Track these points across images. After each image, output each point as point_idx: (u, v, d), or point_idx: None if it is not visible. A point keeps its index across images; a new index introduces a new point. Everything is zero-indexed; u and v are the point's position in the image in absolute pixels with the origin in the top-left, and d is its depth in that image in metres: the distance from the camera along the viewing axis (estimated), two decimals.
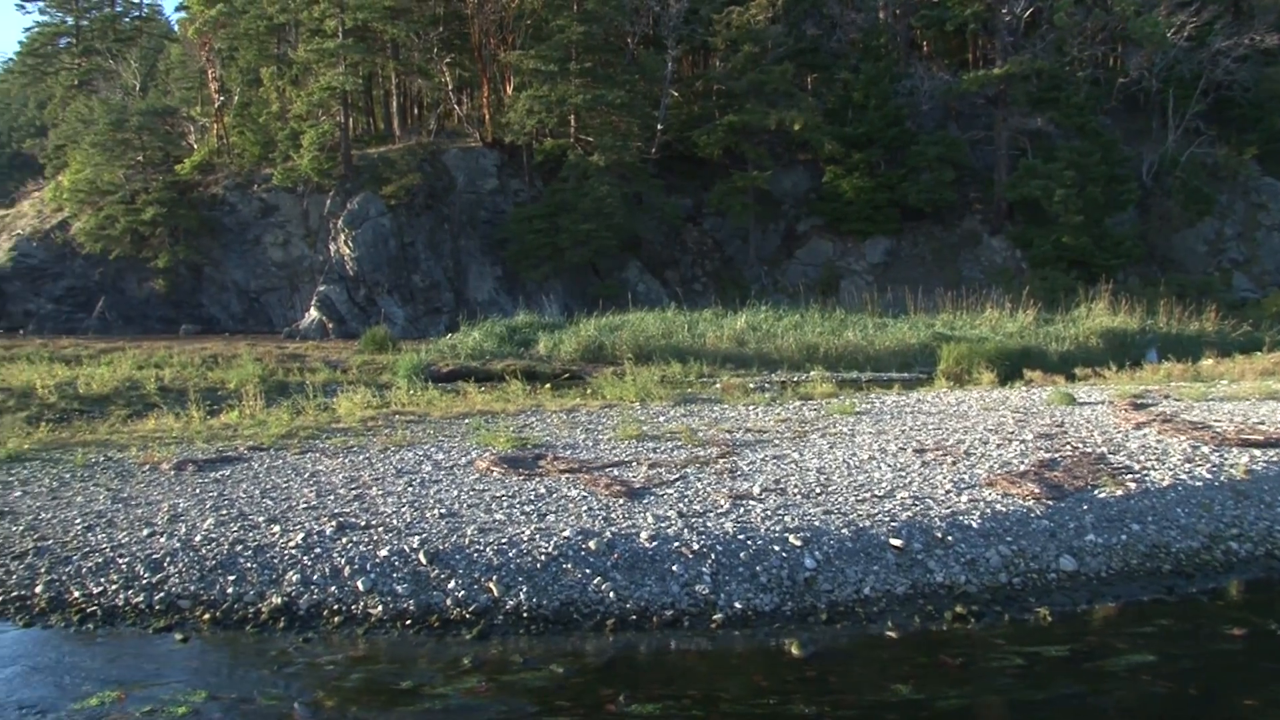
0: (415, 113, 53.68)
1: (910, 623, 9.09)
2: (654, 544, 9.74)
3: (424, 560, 9.51)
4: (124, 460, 14.14)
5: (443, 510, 10.93)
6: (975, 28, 44.28)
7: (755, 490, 11.55)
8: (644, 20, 47.54)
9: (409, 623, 8.92)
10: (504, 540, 9.86)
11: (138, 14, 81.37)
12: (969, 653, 8.58)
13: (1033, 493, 11.31)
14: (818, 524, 10.28)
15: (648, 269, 43.73)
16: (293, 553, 9.84)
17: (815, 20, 49.00)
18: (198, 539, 10.28)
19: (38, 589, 9.55)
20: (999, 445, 13.90)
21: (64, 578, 9.73)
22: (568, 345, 28.71)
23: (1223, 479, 12.18)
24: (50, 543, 10.46)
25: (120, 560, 9.93)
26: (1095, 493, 11.52)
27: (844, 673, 8.26)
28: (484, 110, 47.63)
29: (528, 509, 10.96)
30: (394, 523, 10.53)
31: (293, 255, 47.68)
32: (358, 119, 51.29)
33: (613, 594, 9.17)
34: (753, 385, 22.37)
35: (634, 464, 13.09)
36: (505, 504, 11.17)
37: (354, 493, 11.85)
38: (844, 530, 10.13)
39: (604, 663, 8.42)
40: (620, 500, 11.20)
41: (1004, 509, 10.85)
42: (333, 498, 11.64)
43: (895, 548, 9.93)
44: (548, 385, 21.67)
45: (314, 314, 42.74)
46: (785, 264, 44.80)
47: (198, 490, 12.30)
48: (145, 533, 10.57)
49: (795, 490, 11.57)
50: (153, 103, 55.75)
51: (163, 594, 9.40)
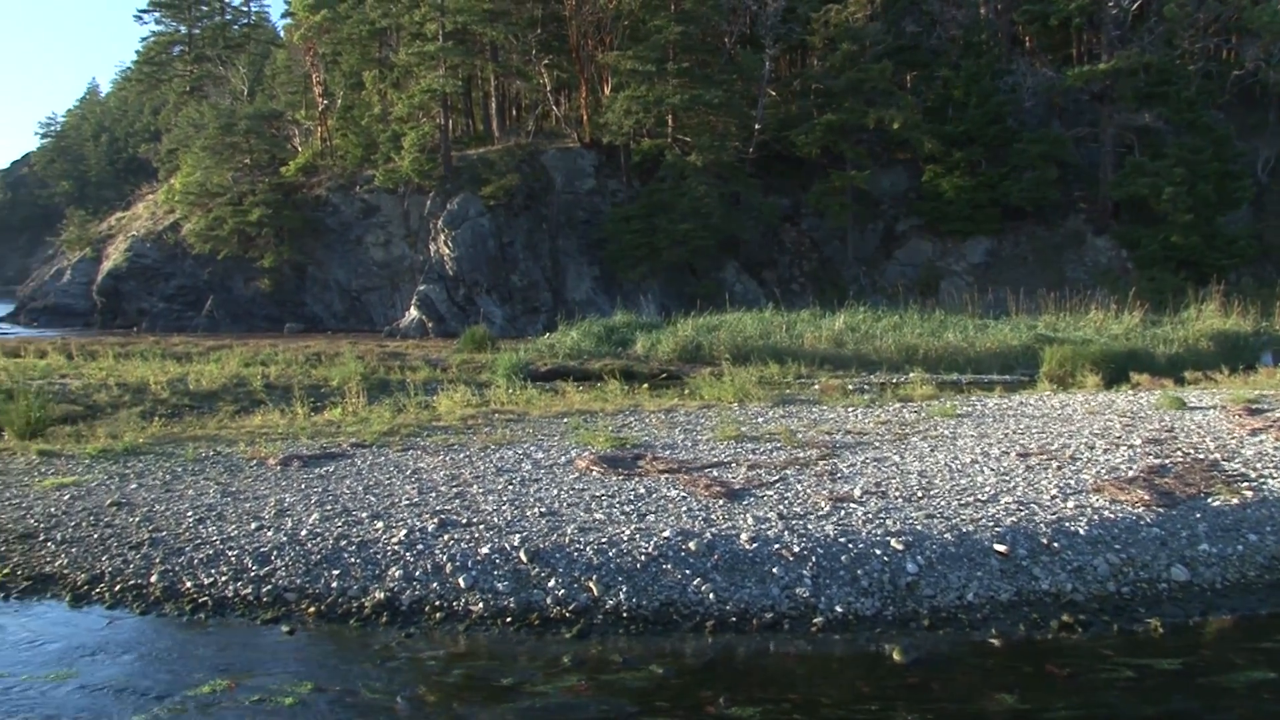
0: (514, 114, 54.16)
1: (1015, 630, 8.89)
2: (754, 546, 9.69)
3: (524, 558, 9.58)
4: (232, 455, 14.49)
5: (543, 509, 11.01)
6: (1080, 22, 43.21)
7: (856, 493, 11.43)
8: (741, 20, 47.37)
9: (509, 620, 8.97)
10: (604, 540, 9.89)
11: (246, 21, 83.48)
12: (1076, 663, 8.36)
13: (1142, 499, 11.02)
14: (920, 528, 10.13)
15: (745, 269, 43.57)
16: (396, 549, 9.99)
17: (915, 17, 48.33)
18: (303, 533, 10.48)
19: (153, 578, 9.82)
20: (1105, 450, 13.57)
21: (177, 568, 9.99)
22: (665, 345, 28.71)
23: None
24: (164, 534, 10.76)
25: (230, 553, 10.17)
26: (1209, 501, 11.18)
27: (947, 680, 8.11)
28: (582, 111, 47.86)
29: (627, 509, 10.98)
30: (495, 521, 10.63)
31: (393, 255, 48.47)
32: (457, 120, 51.89)
33: (712, 595, 9.15)
34: (851, 386, 22.16)
35: (733, 465, 13.04)
36: (605, 503, 11.21)
37: (455, 490, 11.99)
38: (947, 535, 9.97)
39: (703, 664, 8.39)
40: (720, 501, 11.17)
41: (1112, 516, 10.58)
42: (434, 495, 11.80)
43: (999, 553, 9.74)
44: (645, 385, 21.71)
45: (414, 313, 43.37)
46: (884, 264, 44.29)
47: (303, 486, 12.55)
48: (253, 526, 10.82)
49: (896, 493, 11.42)
50: (259, 107, 57.11)
51: (270, 587, 9.59)
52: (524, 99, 53.76)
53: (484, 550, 9.77)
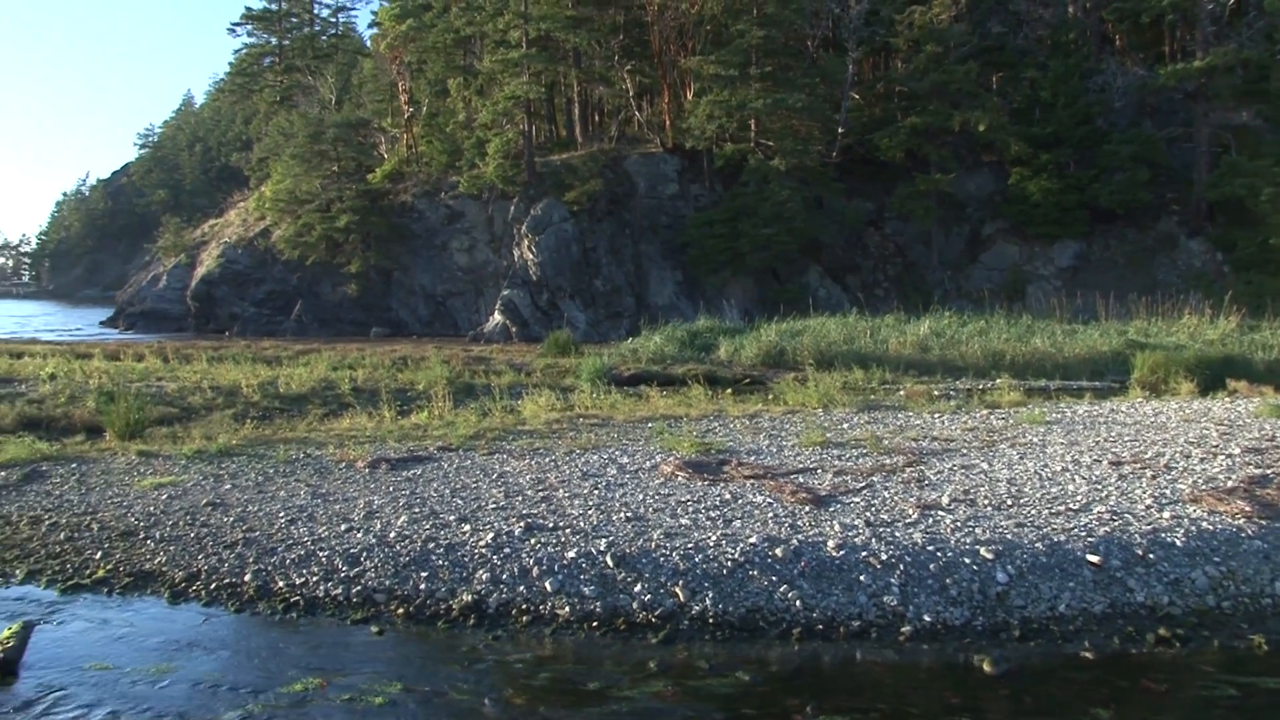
0: (596, 119, 54.44)
1: (1109, 644, 8.69)
2: (841, 553, 9.62)
3: (611, 563, 9.62)
4: (322, 457, 14.75)
5: (629, 514, 11.04)
6: (1174, 18, 42.16)
7: (944, 500, 11.29)
8: (824, 23, 47.12)
9: (595, 624, 8.99)
10: (690, 545, 9.89)
11: (334, 32, 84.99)
12: (1175, 679, 8.13)
13: (1243, 510, 10.71)
14: (1010, 537, 9.97)
15: (828, 274, 43.30)
16: (483, 552, 10.08)
17: (1000, 17, 47.63)
18: (392, 535, 10.63)
19: (246, 577, 10.02)
20: (1202, 459, 13.23)
21: (269, 568, 10.19)
22: (748, 350, 28.64)
23: None
24: (257, 534, 10.99)
25: (320, 554, 10.35)
26: None
27: (1039, 693, 7.96)
28: (664, 116, 47.96)
29: (713, 514, 10.97)
30: (581, 525, 10.68)
31: (478, 260, 48.97)
32: (541, 126, 52.29)
33: (799, 602, 9.10)
34: (937, 392, 21.90)
35: (819, 471, 12.97)
36: (691, 509, 11.21)
37: (541, 494, 12.08)
38: (1037, 544, 9.80)
39: (790, 671, 8.34)
40: (806, 508, 11.11)
41: (1210, 527, 10.30)
42: (520, 499, 11.89)
43: (1092, 564, 9.55)
44: (729, 390, 21.68)
45: (498, 317, 43.78)
46: (969, 268, 43.71)
47: (391, 488, 12.73)
48: (343, 528, 10.99)
49: (985, 501, 11.26)
50: (347, 116, 58.07)
51: (360, 587, 9.73)
52: (607, 104, 54.03)
53: (570, 554, 9.83)
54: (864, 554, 9.59)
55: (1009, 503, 11.19)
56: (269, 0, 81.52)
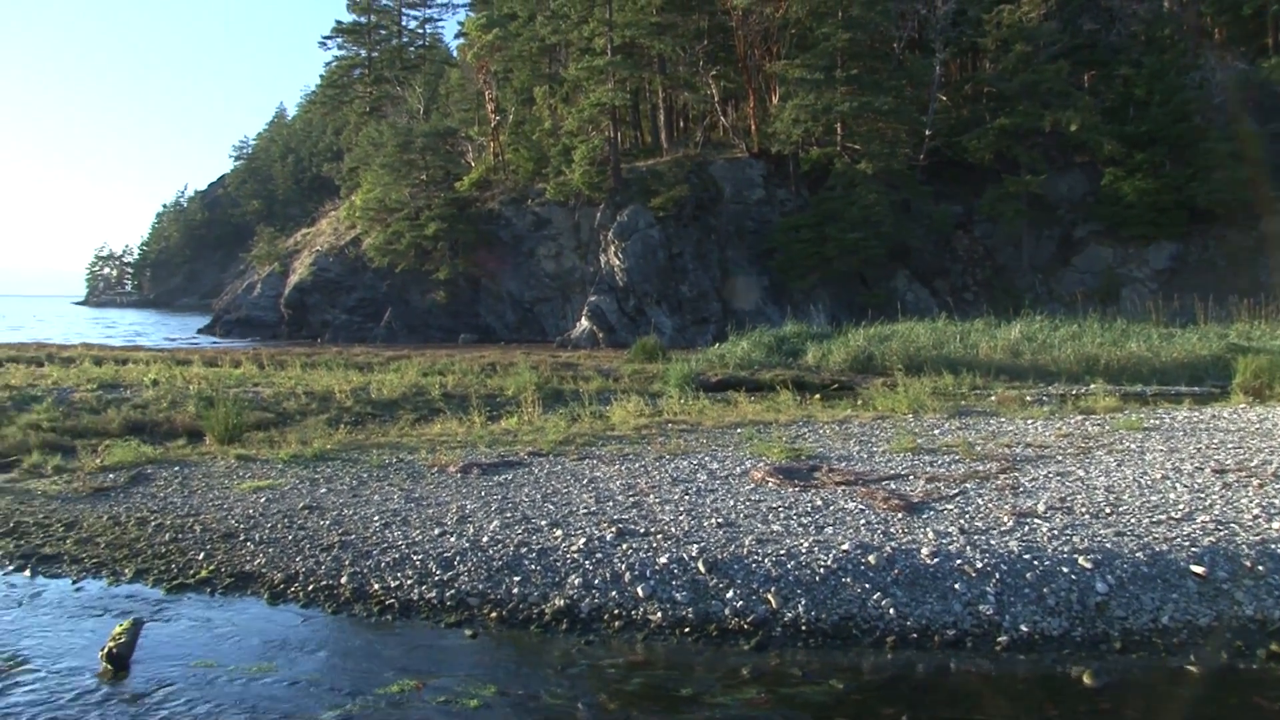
0: (682, 125, 54.53)
1: (1216, 658, 8.42)
2: (935, 561, 9.50)
3: (703, 569, 9.60)
4: (414, 462, 14.93)
5: (720, 520, 11.02)
6: (1278, 9, 41.03)
7: (1040, 508, 11.09)
8: (910, 24, 46.69)
9: (687, 630, 8.96)
10: (782, 552, 9.84)
11: (422, 43, 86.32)
12: None
13: None
14: (1109, 546, 9.76)
15: (916, 278, 42.85)
16: (574, 557, 10.12)
17: (1092, 14, 46.74)
18: (485, 540, 10.72)
19: (343, 580, 10.18)
20: None
21: (365, 571, 10.33)
22: (836, 355, 28.46)
23: None
24: (353, 537, 11.15)
25: (415, 557, 10.47)
26: None
27: (1142, 707, 7.75)
28: (750, 121, 47.88)
29: (805, 521, 10.90)
30: (672, 530, 10.68)
31: (564, 267, 49.30)
32: (626, 133, 52.53)
33: (893, 610, 9.00)
34: (1030, 398, 21.55)
35: (910, 477, 12.83)
36: (782, 515, 11.15)
37: (632, 499, 12.10)
38: (1138, 554, 9.57)
39: (884, 680, 8.24)
40: (899, 514, 10.99)
41: None
42: (611, 504, 11.93)
43: (1197, 575, 9.29)
44: (817, 396, 21.56)
45: (585, 323, 44.01)
46: (1061, 271, 42.96)
47: (483, 493, 12.84)
48: (436, 532, 11.11)
49: (1083, 509, 11.04)
50: (435, 125, 58.86)
51: (453, 591, 9.81)
52: (692, 110, 54.12)
53: (662, 560, 9.84)
54: (958, 562, 9.46)
55: (1107, 511, 10.96)
56: (359, 14, 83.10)
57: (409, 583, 10.01)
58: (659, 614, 9.18)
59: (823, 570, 9.44)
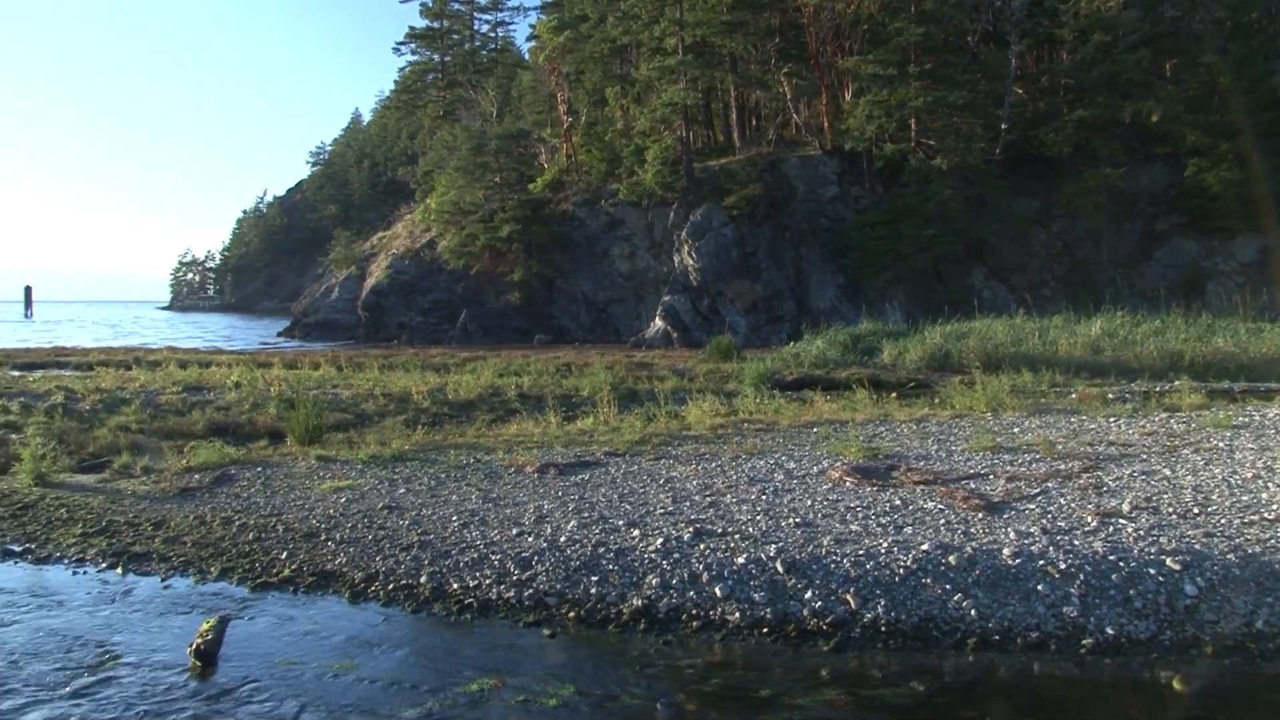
0: (754, 123, 54.33)
1: None
2: (1017, 561, 9.35)
3: (781, 569, 9.55)
4: (491, 462, 15.03)
5: (797, 519, 10.95)
6: None
7: (1124, 508, 10.86)
8: (984, 16, 46.06)
9: (765, 631, 8.92)
10: (861, 552, 9.75)
11: (494, 47, 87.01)
12: None
13: None
14: (1198, 547, 9.52)
15: (993, 274, 42.25)
16: (652, 557, 10.12)
17: (1174, 1, 45.65)
18: (562, 540, 10.76)
19: (422, 579, 10.27)
20: None
21: (444, 570, 10.42)
22: (913, 353, 28.16)
23: None
24: (431, 537, 11.26)
25: (493, 557, 10.54)
26: None
27: (1234, 714, 7.51)
28: (823, 118, 47.58)
29: (883, 520, 10.80)
30: (749, 530, 10.64)
31: (638, 267, 49.37)
32: (698, 132, 52.49)
33: (974, 612, 8.87)
34: (1111, 395, 21.12)
35: (990, 477, 12.64)
36: (860, 515, 11.06)
37: (708, 499, 12.07)
38: (1229, 555, 9.33)
39: (965, 683, 8.12)
40: (979, 514, 10.84)
41: None
42: (688, 504, 11.91)
43: None
44: (893, 394, 21.34)
45: (659, 323, 44.04)
46: (1142, 266, 42.06)
47: (559, 493, 12.89)
48: (514, 532, 11.18)
49: (1169, 509, 10.79)
50: (508, 128, 59.29)
51: (531, 591, 9.86)
52: (764, 108, 53.91)
53: (740, 560, 9.80)
54: (1041, 563, 9.30)
55: (1195, 511, 10.70)
56: (432, 19, 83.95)
57: (487, 582, 10.08)
58: (737, 614, 9.15)
59: (902, 571, 9.34)
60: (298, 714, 7.57)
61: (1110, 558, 9.32)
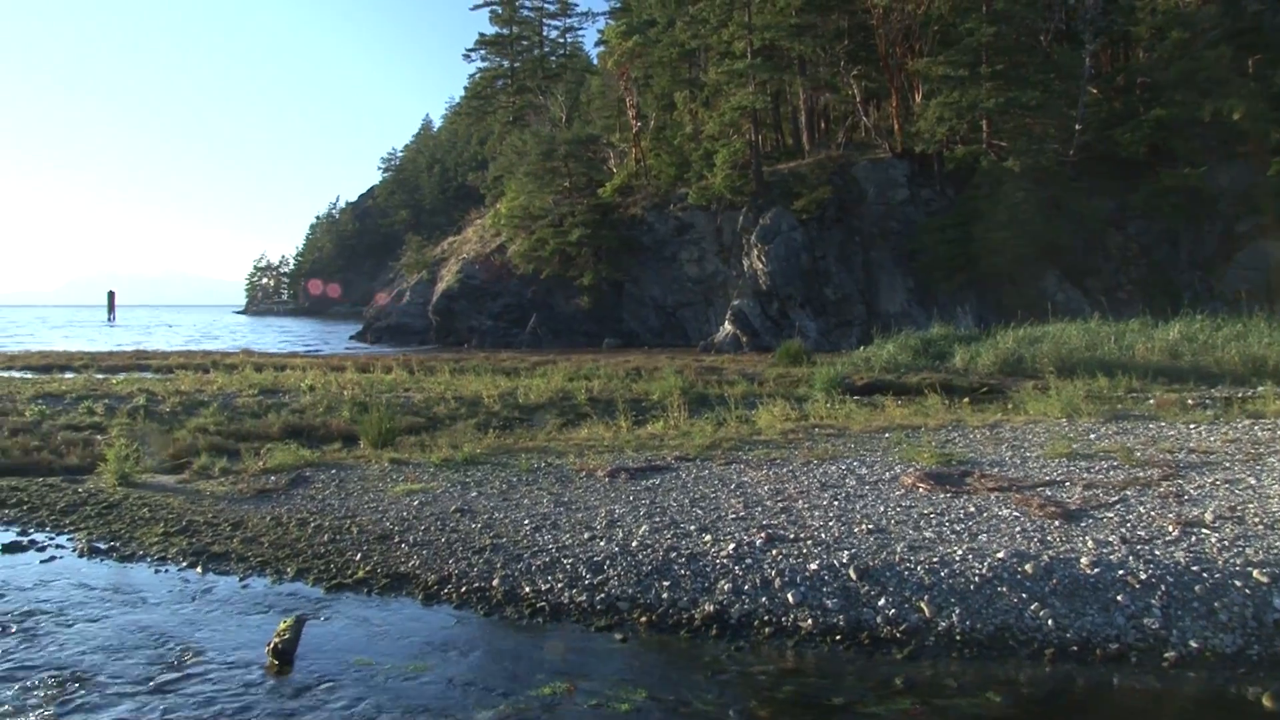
0: (823, 126, 54.04)
1: None
2: (1095, 571, 9.18)
3: (854, 576, 9.47)
4: (562, 466, 15.10)
5: (870, 526, 10.86)
6: None
7: (1207, 517, 10.62)
8: (1057, 15, 45.39)
9: (838, 638, 8.84)
10: (935, 559, 9.65)
11: (563, 53, 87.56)
12: None
13: None
14: None
15: (1067, 277, 41.57)
16: (724, 562, 10.09)
17: None
18: (634, 544, 10.77)
19: (494, 582, 10.34)
20: None
21: (516, 574, 10.48)
22: (985, 358, 27.81)
23: None
24: (504, 541, 11.33)
25: (565, 561, 10.59)
26: None
27: None
28: (893, 120, 47.19)
29: (958, 527, 10.67)
30: (822, 537, 10.57)
31: (707, 271, 49.32)
32: (767, 136, 52.30)
33: (1051, 622, 8.72)
34: (1191, 401, 20.66)
35: (1066, 484, 12.43)
36: (934, 522, 10.93)
37: (780, 505, 12.02)
38: None
39: (1043, 694, 7.97)
40: (1055, 522, 10.66)
41: None
42: (760, 509, 11.86)
43: None
44: (966, 399, 21.09)
45: (728, 327, 43.97)
46: (1223, 268, 41.09)
47: (631, 497, 12.91)
48: (586, 536, 11.22)
49: (1255, 519, 10.52)
50: (577, 133, 59.55)
51: (603, 595, 9.87)
52: (833, 111, 53.60)
53: (812, 566, 9.74)
54: (1121, 572, 9.13)
55: None
56: (502, 26, 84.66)
57: (559, 586, 10.12)
58: (809, 621, 9.09)
59: (977, 579, 9.23)
60: (373, 714, 7.66)
61: (1194, 568, 9.12)
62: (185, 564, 11.53)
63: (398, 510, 12.95)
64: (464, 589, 10.32)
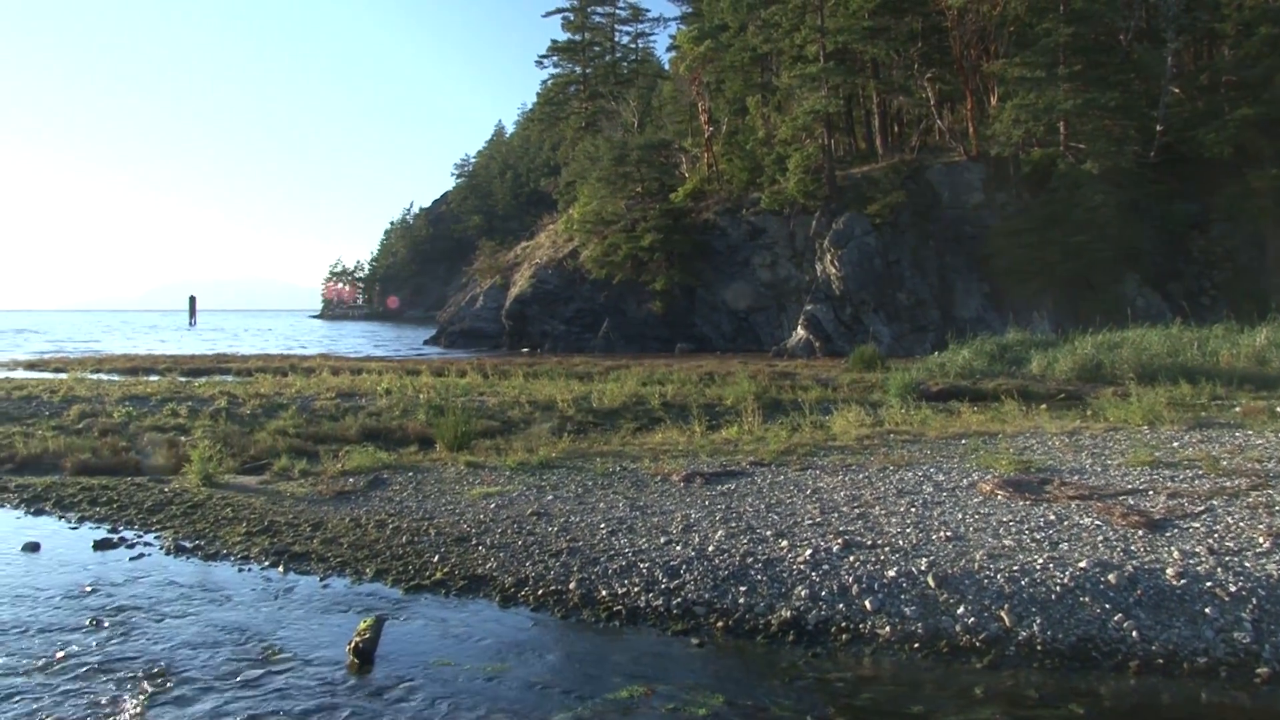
0: (896, 130, 53.60)
1: None
2: (1182, 582, 9.00)
3: (932, 583, 9.40)
4: (637, 470, 15.14)
5: (948, 533, 10.75)
6: None
7: None
8: (1138, 14, 44.57)
9: (916, 646, 8.77)
10: (1015, 568, 9.53)
11: (634, 58, 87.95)
12: None
13: None
14: None
15: (1147, 282, 40.80)
16: (801, 568, 10.06)
17: None
18: (710, 549, 10.78)
19: (571, 585, 10.40)
20: None
21: (593, 577, 10.53)
22: (1063, 364, 27.37)
23: None
24: (580, 544, 11.40)
25: (641, 565, 10.62)
26: None
27: None
28: (968, 123, 46.66)
29: (1038, 536, 10.52)
30: (899, 543, 10.50)
31: (780, 276, 49.16)
32: (840, 140, 52.02)
33: (1135, 633, 8.57)
34: None
35: (1150, 493, 12.20)
36: (1014, 529, 10.80)
37: (857, 511, 11.95)
38: None
39: (1127, 708, 7.83)
40: (1139, 532, 10.47)
41: None
42: (836, 515, 11.81)
43: None
44: (1043, 406, 20.79)
45: (801, 332, 43.79)
46: None
47: (706, 502, 12.92)
48: (662, 540, 11.24)
49: None
50: (649, 138, 59.71)
51: (679, 599, 9.89)
52: (906, 114, 53.14)
53: (890, 573, 9.68)
54: (1208, 584, 8.94)
55: None
56: (574, 32, 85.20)
57: (636, 590, 10.15)
58: (887, 628, 9.02)
59: (1059, 588, 9.09)
60: (452, 714, 7.75)
61: None
62: (267, 563, 11.77)
63: (474, 513, 13.08)
64: (541, 591, 10.39)
